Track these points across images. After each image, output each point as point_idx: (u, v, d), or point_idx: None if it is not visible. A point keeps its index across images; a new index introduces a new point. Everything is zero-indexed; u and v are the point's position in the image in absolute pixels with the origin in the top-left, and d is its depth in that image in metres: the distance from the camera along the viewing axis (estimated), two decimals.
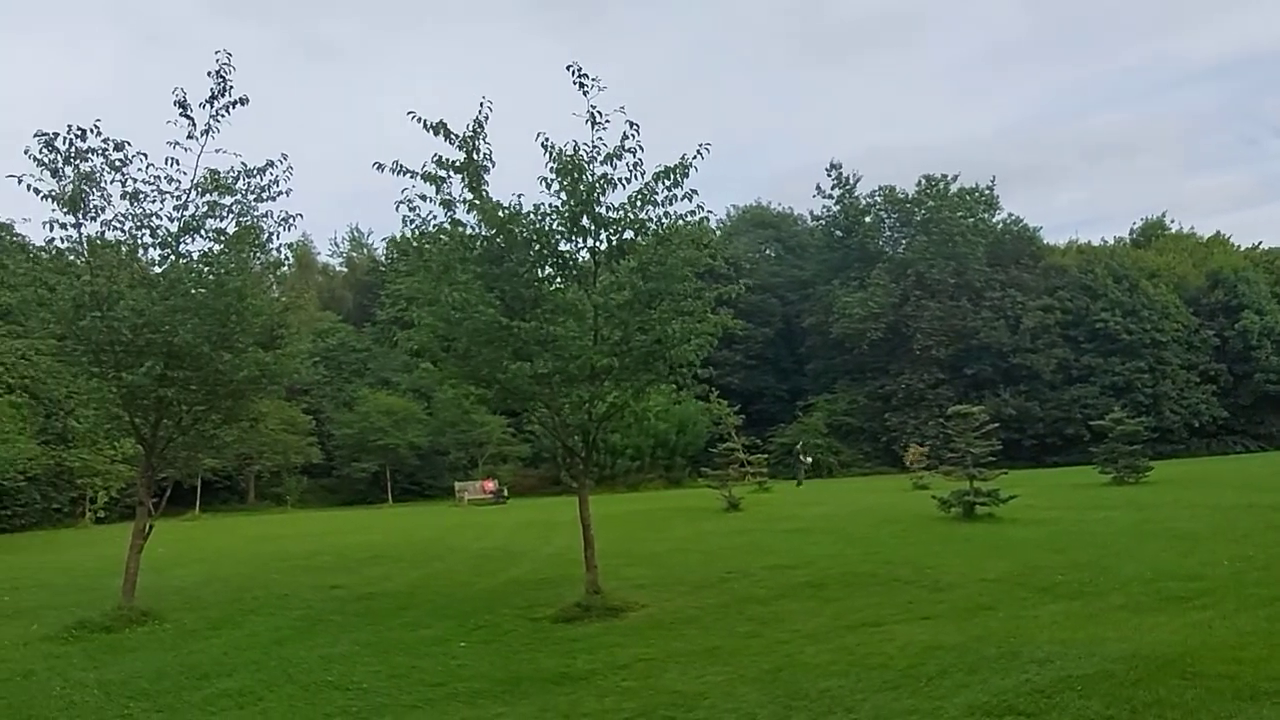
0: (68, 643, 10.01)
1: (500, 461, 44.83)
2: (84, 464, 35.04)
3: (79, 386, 11.38)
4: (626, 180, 9.21)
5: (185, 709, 7.00)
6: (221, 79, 10.54)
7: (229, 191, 11.04)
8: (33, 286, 10.35)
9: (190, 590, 13.68)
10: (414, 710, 6.68)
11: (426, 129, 9.47)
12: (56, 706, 7.26)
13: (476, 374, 10.07)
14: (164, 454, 11.75)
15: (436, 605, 11.20)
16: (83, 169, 10.41)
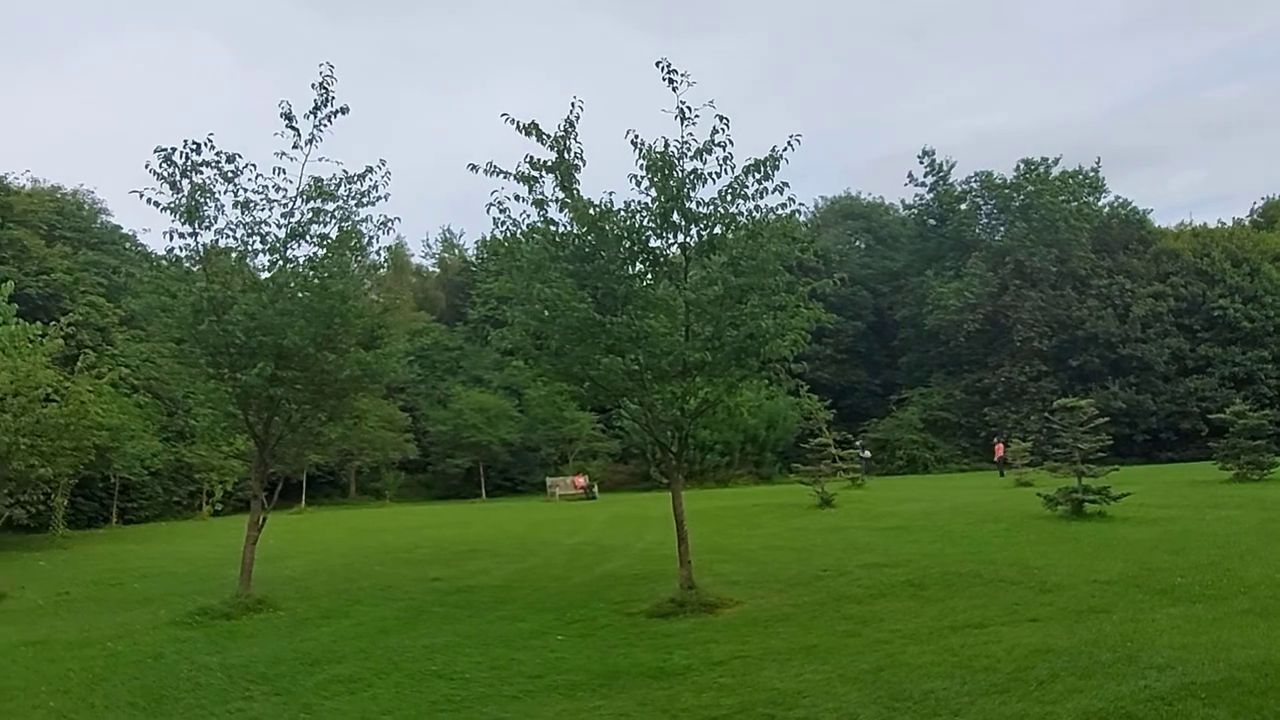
0: (192, 628, 10.63)
1: (590, 457, 45.29)
2: (202, 460, 37.10)
3: (197, 387, 12.03)
4: (716, 175, 9.17)
5: (301, 693, 7.33)
6: (324, 90, 10.98)
7: (331, 198, 11.51)
8: (156, 294, 11.00)
9: (300, 580, 14.30)
10: (515, 701, 6.81)
11: (519, 130, 9.63)
12: (185, 687, 7.71)
13: (568, 371, 10.20)
14: (275, 450, 12.31)
15: (533, 599, 11.41)
16: (198, 181, 11.00)
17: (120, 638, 10.22)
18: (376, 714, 6.65)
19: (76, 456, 16.48)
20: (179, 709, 7.10)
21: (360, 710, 6.76)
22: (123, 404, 20.02)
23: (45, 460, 15.31)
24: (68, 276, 30.29)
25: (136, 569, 18.35)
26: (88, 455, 17.38)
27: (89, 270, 33.05)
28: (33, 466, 15.24)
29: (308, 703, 7.02)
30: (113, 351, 25.29)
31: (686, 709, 6.30)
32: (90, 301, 30.68)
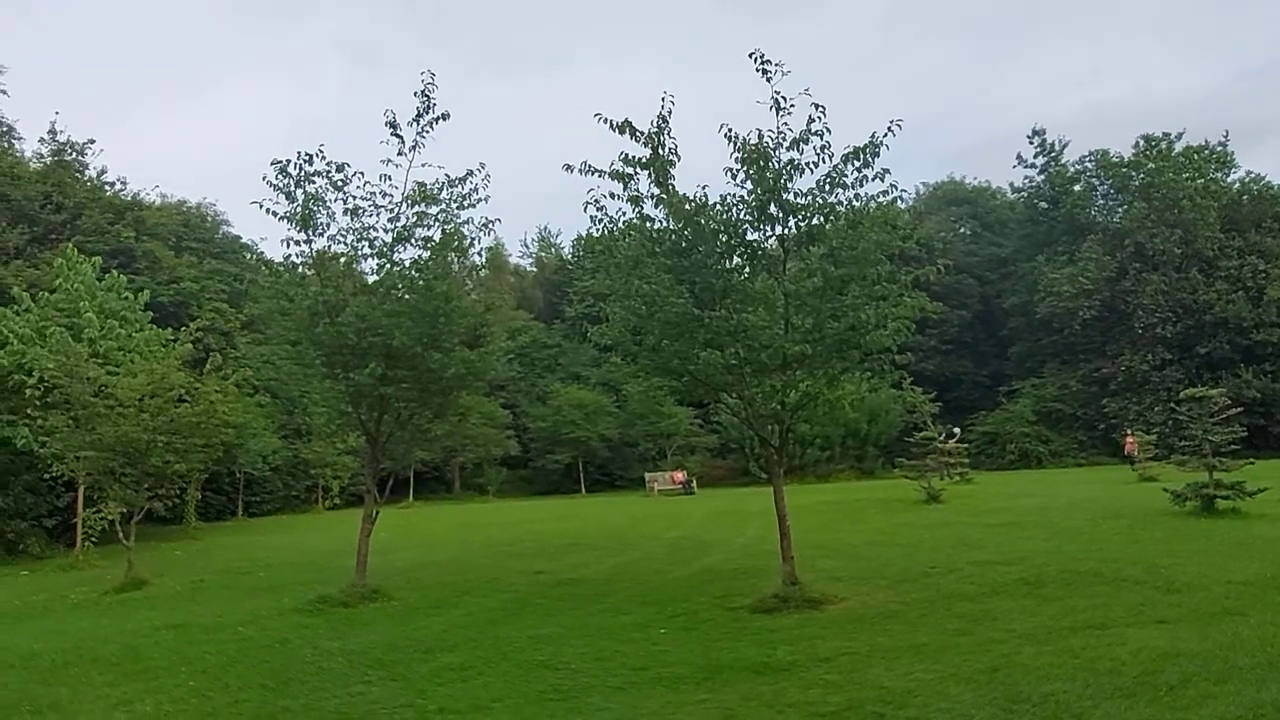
0: (313, 615, 11.18)
1: (688, 453, 45.34)
2: (317, 456, 38.99)
3: (313, 386, 12.64)
4: (814, 164, 9.02)
5: (416, 679, 7.61)
6: (426, 98, 11.34)
7: (434, 201, 11.90)
8: (275, 298, 11.61)
9: (411, 571, 14.84)
10: (619, 692, 6.89)
11: (612, 129, 9.69)
12: (309, 671, 8.12)
13: (667, 366, 10.24)
14: (385, 447, 12.79)
15: (635, 592, 11.51)
16: (310, 190, 11.54)
17: (250, 623, 10.85)
18: (487, 701, 6.83)
19: (206, 453, 17.48)
20: (303, 690, 7.47)
21: (471, 697, 6.96)
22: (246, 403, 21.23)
23: (179, 456, 16.30)
24: (195, 285, 32.27)
25: (262, 559, 19.44)
26: (216, 452, 18.44)
27: (213, 278, 35.12)
28: (169, 462, 16.25)
29: (422, 689, 7.27)
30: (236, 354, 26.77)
31: (792, 705, 6.23)
32: (215, 307, 32.59)
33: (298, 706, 7.01)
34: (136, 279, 25.60)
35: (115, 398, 16.20)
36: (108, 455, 15.97)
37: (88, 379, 16.68)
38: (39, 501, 23.40)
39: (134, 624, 11.46)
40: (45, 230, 27.09)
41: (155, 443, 15.81)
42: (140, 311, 23.89)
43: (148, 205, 35.21)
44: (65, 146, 31.85)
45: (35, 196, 27.23)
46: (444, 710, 6.65)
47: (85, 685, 8.14)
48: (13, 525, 23.05)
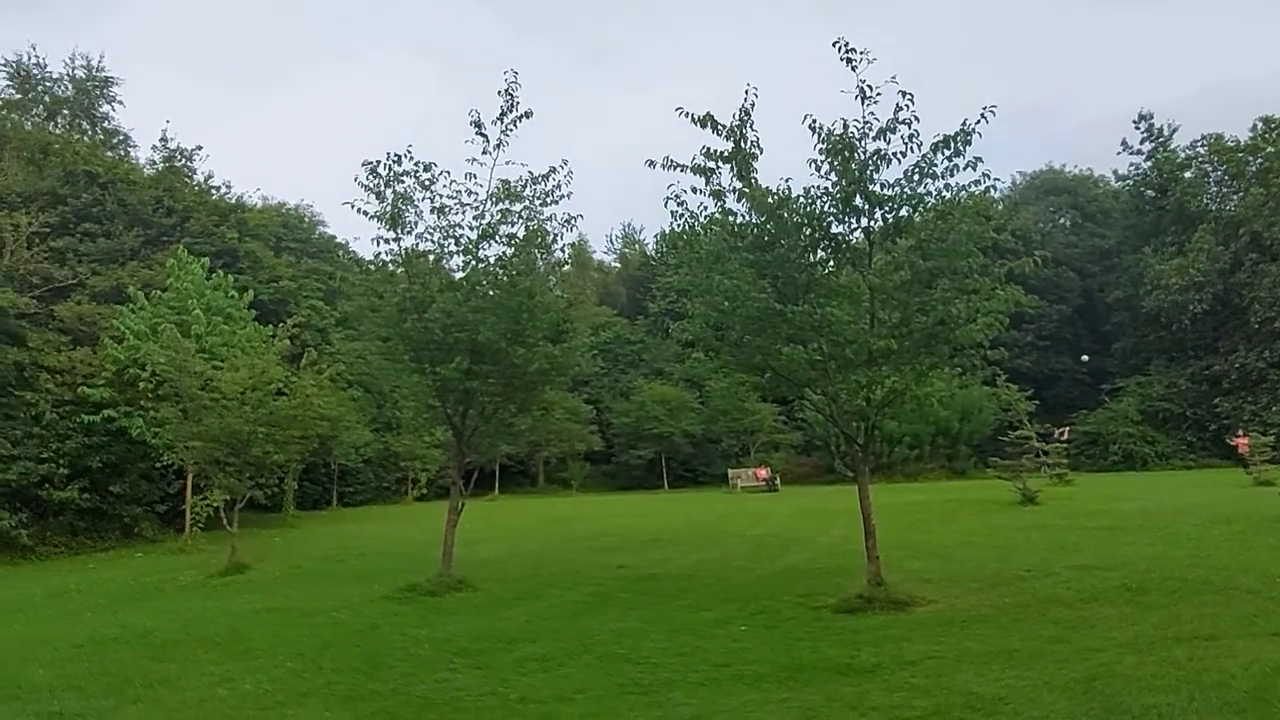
0: (402, 602, 11.51)
1: (772, 449, 44.89)
2: (406, 449, 40.16)
3: (402, 381, 12.98)
4: (902, 154, 8.77)
5: (500, 668, 7.74)
6: (510, 96, 11.51)
7: (518, 198, 12.07)
8: (366, 296, 11.98)
9: (495, 563, 15.13)
10: (700, 688, 6.85)
11: (694, 123, 9.63)
12: (398, 656, 8.37)
13: (750, 362, 10.12)
14: (471, 440, 13.06)
15: (717, 589, 11.46)
16: (399, 190, 11.85)
17: (343, 609, 11.25)
18: (569, 692, 6.89)
19: (303, 444, 18.23)
20: (393, 676, 7.69)
21: (554, 688, 7.04)
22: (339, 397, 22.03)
23: (278, 447, 17.05)
24: (292, 283, 33.60)
25: (354, 548, 20.14)
26: (312, 443, 19.21)
27: (309, 277, 36.51)
28: (268, 453, 17.02)
29: (506, 678, 7.40)
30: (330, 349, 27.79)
31: (876, 708, 6.09)
32: (311, 305, 33.88)
33: (387, 690, 7.22)
34: (240, 278, 26.84)
35: (220, 391, 17.03)
36: (213, 445, 16.81)
37: (195, 373, 17.58)
38: (152, 488, 24.81)
39: (237, 606, 12.04)
40: (158, 233, 28.66)
41: (256, 434, 16.56)
42: (244, 309, 25.05)
43: (250, 208, 36.88)
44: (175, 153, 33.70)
45: (148, 201, 28.83)
46: (526, 700, 6.75)
47: (193, 662, 8.59)
48: (129, 510, 24.50)
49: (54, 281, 25.29)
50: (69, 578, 17.67)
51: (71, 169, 27.83)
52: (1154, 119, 49.84)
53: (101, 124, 38.31)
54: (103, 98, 38.31)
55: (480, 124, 11.51)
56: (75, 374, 23.06)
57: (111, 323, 23.20)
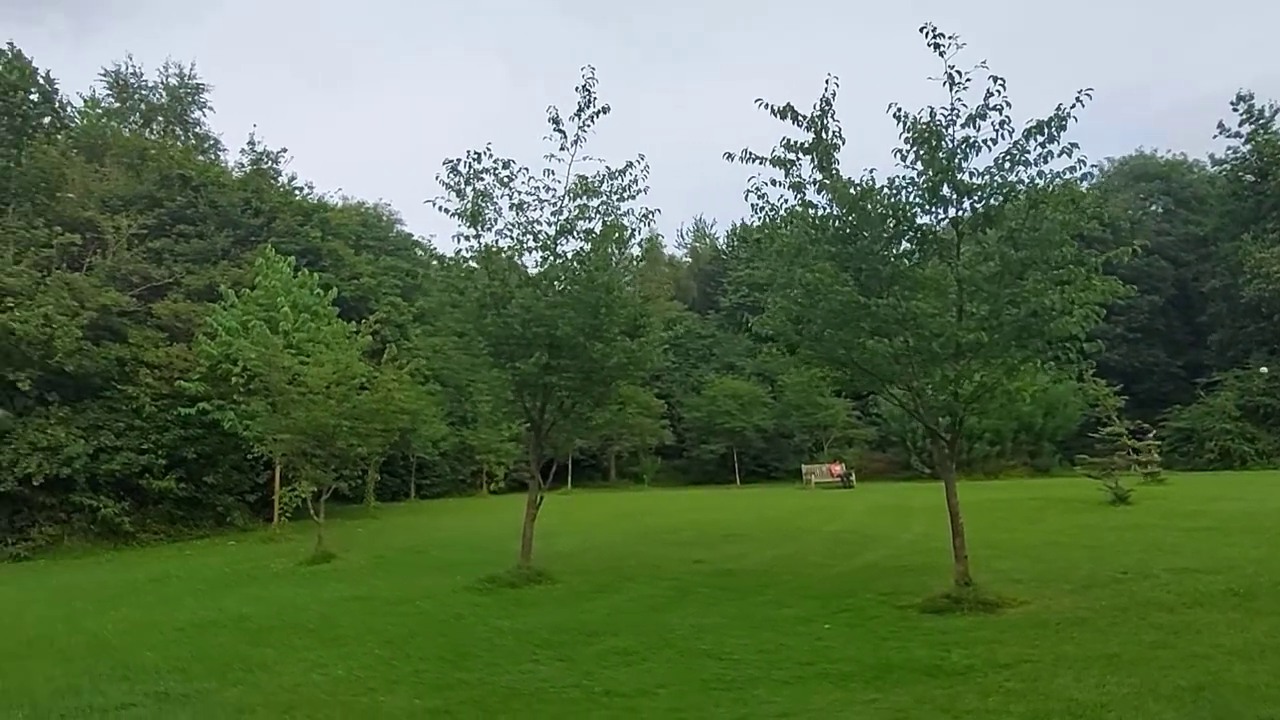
0: (484, 594, 11.70)
1: (846, 445, 44.22)
2: (482, 443, 40.87)
3: (481, 376, 13.17)
4: (992, 141, 8.48)
5: (582, 661, 7.80)
6: (587, 92, 11.55)
7: (595, 194, 12.11)
8: (447, 291, 12.19)
9: (572, 556, 15.25)
10: (785, 686, 6.78)
11: (773, 114, 9.50)
12: (482, 646, 8.51)
13: (831, 356, 9.96)
14: (549, 434, 13.18)
15: (796, 585, 11.33)
16: (479, 188, 12.02)
17: (427, 598, 11.50)
18: (652, 686, 6.89)
19: (385, 437, 18.71)
20: (478, 665, 7.82)
21: (636, 681, 7.05)
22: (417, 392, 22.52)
23: (361, 440, 17.54)
24: (372, 280, 34.52)
25: (434, 539, 20.59)
26: (394, 436, 19.70)
27: (387, 274, 37.46)
28: (352, 445, 17.52)
29: (589, 670, 7.44)
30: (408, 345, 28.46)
31: (970, 711, 5.92)
32: (390, 301, 34.75)
33: (473, 680, 7.34)
34: (323, 276, 27.70)
35: (306, 385, 17.60)
36: (300, 437, 17.38)
37: (283, 368, 18.22)
38: (242, 479, 25.84)
39: (326, 594, 12.42)
40: (246, 233, 29.76)
41: (341, 427, 17.07)
42: (329, 306, 25.83)
43: (331, 207, 38.01)
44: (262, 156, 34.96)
45: (237, 203, 29.96)
46: (610, 693, 6.78)
47: (287, 648, 8.89)
48: (221, 499, 25.57)
49: (152, 280, 26.50)
50: (168, 564, 18.53)
51: (167, 173, 29.10)
52: (1254, 99, 47.26)
53: (193, 129, 40.03)
54: (194, 104, 40.05)
55: (558, 120, 11.59)
56: (172, 369, 24.15)
57: (205, 320, 24.21)
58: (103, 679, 7.89)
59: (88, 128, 32.44)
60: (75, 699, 7.22)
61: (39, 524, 22.27)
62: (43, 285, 22.84)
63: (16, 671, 8.31)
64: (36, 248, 24.15)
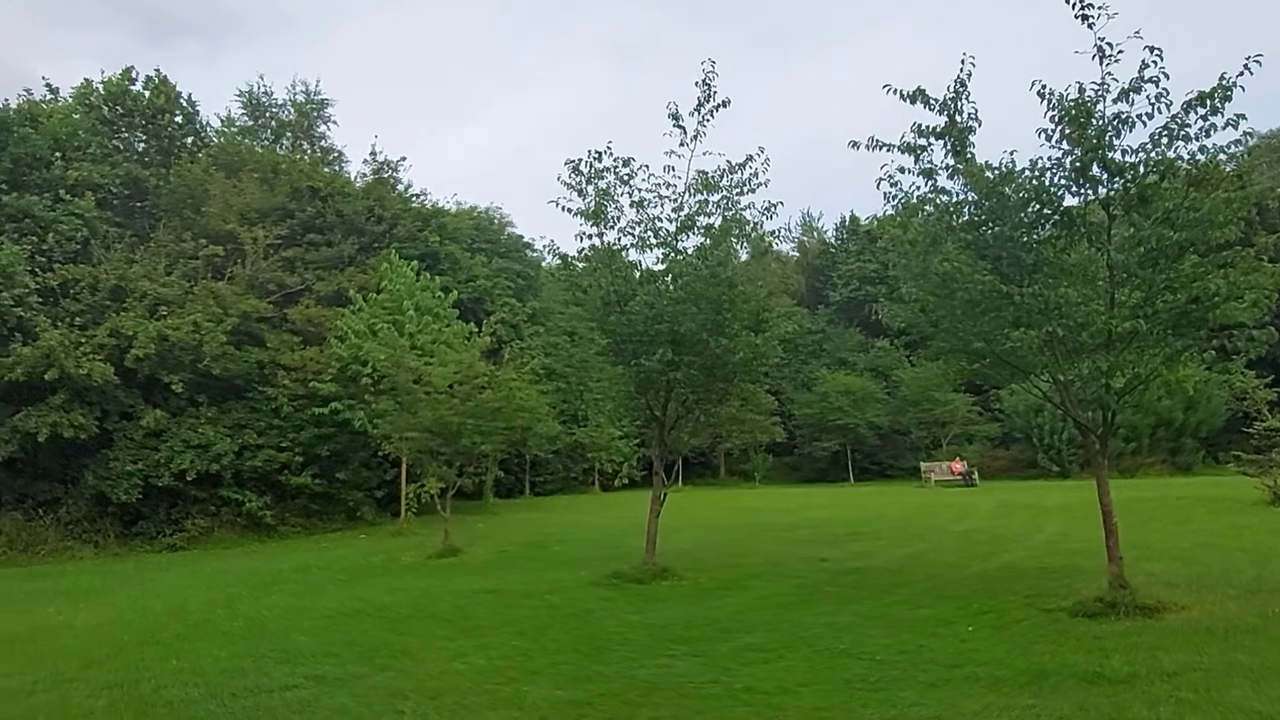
0: (610, 589, 11.82)
1: (966, 442, 42.60)
2: (593, 441, 41.46)
3: (605, 374, 13.30)
4: (1147, 116, 7.96)
5: (717, 657, 7.76)
6: (707, 86, 11.48)
7: (715, 189, 12.03)
8: (570, 290, 12.35)
9: (692, 553, 15.24)
10: (932, 689, 6.56)
11: (903, 99, 9.21)
12: (615, 641, 8.58)
13: (967, 348, 9.58)
14: (672, 431, 13.20)
15: (930, 585, 10.98)
16: (600, 186, 12.13)
17: (554, 592, 11.71)
18: (792, 685, 6.80)
19: (507, 434, 19.18)
20: (614, 659, 7.89)
21: (776, 679, 6.97)
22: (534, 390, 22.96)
23: (484, 438, 18.03)
24: (488, 282, 35.46)
25: (554, 534, 20.98)
26: (516, 434, 20.17)
27: (500, 275, 38.42)
28: (476, 443, 18.03)
29: (726, 667, 7.40)
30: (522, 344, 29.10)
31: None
32: (505, 302, 35.61)
33: (610, 673, 7.41)
34: (441, 279, 28.64)
35: (431, 385, 18.22)
36: (427, 435, 17.99)
37: (410, 368, 18.91)
38: (371, 475, 27.01)
39: (458, 586, 12.82)
40: (370, 240, 31.04)
41: (465, 425, 17.57)
42: (449, 308, 26.70)
43: (447, 212, 39.21)
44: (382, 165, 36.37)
45: (361, 211, 31.28)
46: (751, 690, 6.72)
47: (428, 636, 9.22)
48: (352, 495, 26.80)
49: (286, 287, 28.00)
50: (307, 555, 19.56)
51: (297, 185, 30.65)
52: None
53: (319, 143, 42.02)
54: (319, 119, 42.03)
55: (678, 116, 11.58)
56: (306, 371, 25.47)
57: (335, 323, 25.41)
58: (264, 660, 8.38)
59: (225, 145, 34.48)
60: (242, 679, 7.68)
61: (192, 516, 23.93)
62: (191, 294, 24.51)
63: (189, 652, 8.92)
64: (185, 259, 25.94)
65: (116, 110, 29.72)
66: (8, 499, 22.61)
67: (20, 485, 22.92)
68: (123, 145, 29.46)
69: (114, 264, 24.51)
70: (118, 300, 23.99)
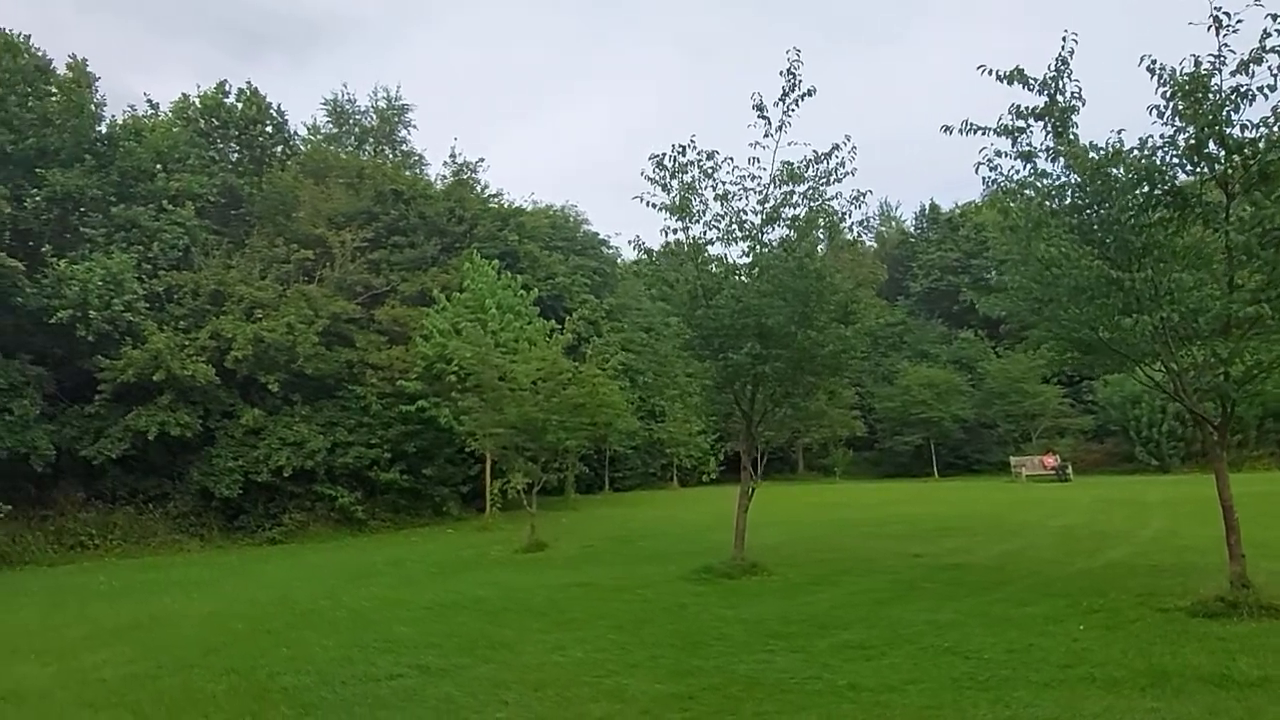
0: (700, 584, 11.80)
1: (1057, 435, 41.13)
2: (670, 436, 41.47)
3: (693, 369, 13.25)
4: (1269, 89, 7.51)
5: (817, 653, 7.66)
6: (791, 75, 11.33)
7: (801, 180, 11.86)
8: (656, 284, 12.36)
9: (779, 548, 15.09)
10: (1047, 689, 6.34)
11: (999, 79, 8.91)
12: (712, 636, 8.56)
13: (1072, 336, 9.23)
14: (759, 425, 13.10)
15: (1033, 582, 10.65)
16: (685, 180, 12.09)
17: (645, 587, 11.75)
18: (898, 683, 6.66)
19: (591, 430, 19.36)
20: (711, 654, 7.87)
21: (880, 677, 6.84)
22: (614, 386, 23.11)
23: (569, 433, 18.23)
24: (566, 279, 35.85)
25: (638, 529, 21.09)
26: (599, 430, 20.34)
27: (578, 273, 38.75)
28: (560, 439, 18.24)
29: (827, 663, 7.30)
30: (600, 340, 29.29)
31: None
32: (583, 299, 35.92)
33: (710, 668, 7.39)
34: (521, 277, 29.08)
35: (516, 382, 18.50)
36: (512, 432, 18.28)
37: (494, 365, 19.24)
38: (456, 471, 27.58)
39: (549, 580, 12.99)
40: (451, 240, 31.73)
41: (549, 421, 17.79)
42: (530, 306, 27.08)
43: (525, 211, 39.77)
44: (462, 167, 37.13)
45: (442, 213, 32.00)
46: (855, 687, 6.61)
47: (524, 629, 9.36)
48: (438, 491, 27.42)
49: (372, 289, 28.82)
50: (399, 549, 20.09)
51: (381, 189, 31.51)
52: None
53: (399, 147, 43.14)
54: (400, 124, 43.13)
55: (762, 107, 11.44)
56: (393, 369, 26.17)
57: (420, 323, 26.04)
58: (369, 650, 8.63)
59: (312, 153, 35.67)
60: (351, 668, 7.93)
61: (289, 511, 24.87)
62: (284, 297, 25.44)
63: (298, 641, 9.26)
64: (277, 264, 26.93)
65: (212, 122, 31.02)
66: (121, 494, 23.87)
67: (132, 481, 24.18)
68: (218, 156, 30.72)
69: (213, 270, 25.61)
70: (217, 304, 25.07)
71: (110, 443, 22.58)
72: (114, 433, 22.73)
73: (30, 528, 21.50)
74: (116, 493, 23.83)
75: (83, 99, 25.44)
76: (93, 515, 22.83)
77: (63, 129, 24.48)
